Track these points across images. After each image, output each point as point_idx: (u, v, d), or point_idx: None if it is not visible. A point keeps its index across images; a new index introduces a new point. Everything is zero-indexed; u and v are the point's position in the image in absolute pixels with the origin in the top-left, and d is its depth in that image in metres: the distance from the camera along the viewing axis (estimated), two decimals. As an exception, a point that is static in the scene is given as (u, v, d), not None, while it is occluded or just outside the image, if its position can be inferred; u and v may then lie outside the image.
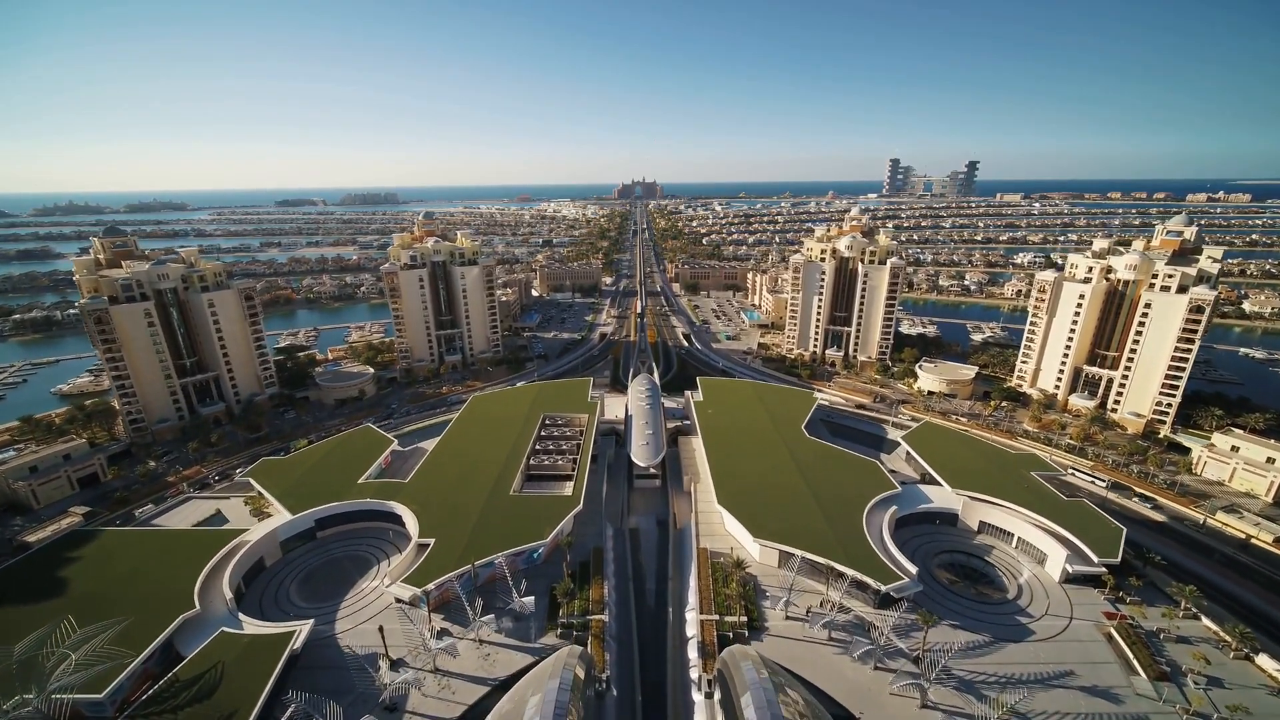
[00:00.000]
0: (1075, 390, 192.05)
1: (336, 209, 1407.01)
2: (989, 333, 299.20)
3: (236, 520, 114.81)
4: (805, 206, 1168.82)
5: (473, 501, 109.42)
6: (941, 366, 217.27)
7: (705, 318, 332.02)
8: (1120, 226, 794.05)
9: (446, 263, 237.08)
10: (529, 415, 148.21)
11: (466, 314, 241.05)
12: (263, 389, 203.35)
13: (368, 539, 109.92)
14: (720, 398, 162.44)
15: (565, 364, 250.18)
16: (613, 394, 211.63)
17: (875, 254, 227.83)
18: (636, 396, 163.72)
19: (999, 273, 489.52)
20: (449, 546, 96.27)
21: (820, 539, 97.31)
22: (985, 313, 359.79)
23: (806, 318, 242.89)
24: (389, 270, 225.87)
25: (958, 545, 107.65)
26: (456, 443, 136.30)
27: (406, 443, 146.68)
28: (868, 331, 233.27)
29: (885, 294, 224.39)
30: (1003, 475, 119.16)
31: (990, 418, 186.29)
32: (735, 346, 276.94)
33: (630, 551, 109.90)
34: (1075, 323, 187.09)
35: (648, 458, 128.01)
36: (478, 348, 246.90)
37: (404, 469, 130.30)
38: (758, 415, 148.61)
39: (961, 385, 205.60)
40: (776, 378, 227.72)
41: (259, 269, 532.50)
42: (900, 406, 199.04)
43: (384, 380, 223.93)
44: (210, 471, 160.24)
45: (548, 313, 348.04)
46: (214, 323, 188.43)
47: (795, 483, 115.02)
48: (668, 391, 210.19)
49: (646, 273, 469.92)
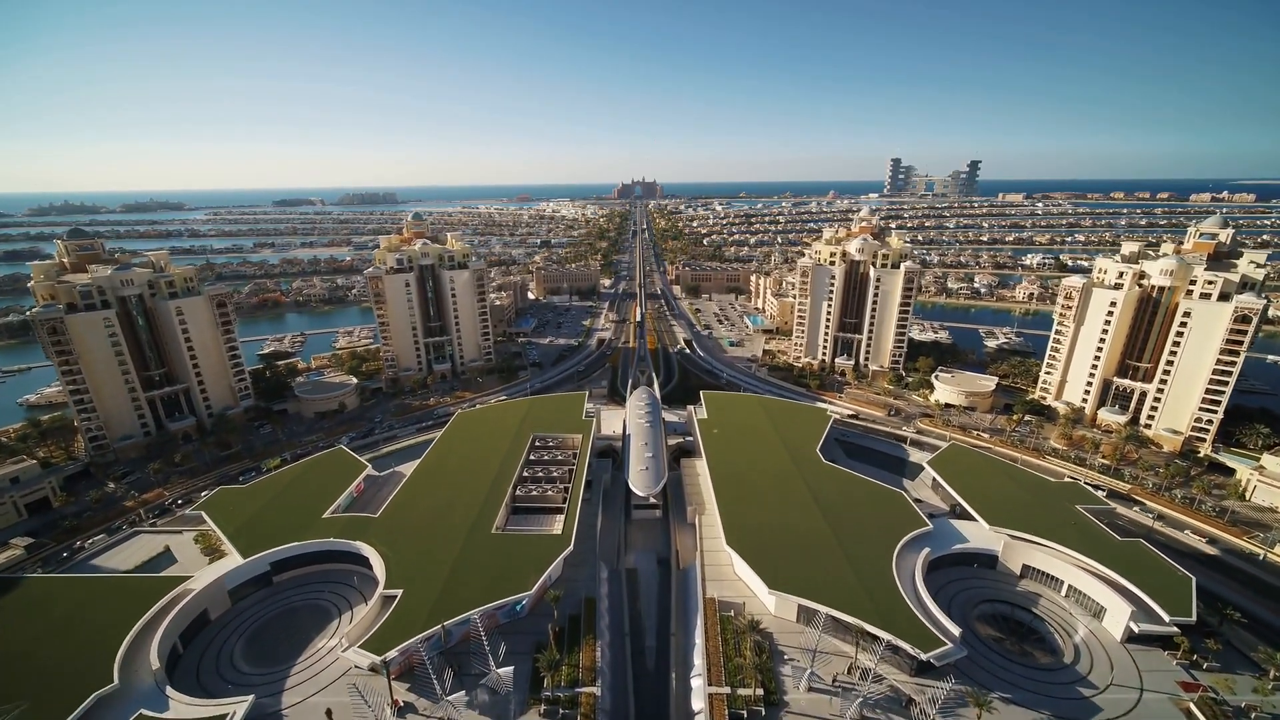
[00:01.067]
0: (1105, 404, 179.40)
1: (334, 209, 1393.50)
2: (1003, 338, 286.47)
3: (186, 560, 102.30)
4: (806, 206, 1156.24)
5: (449, 542, 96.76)
6: (959, 377, 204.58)
7: (707, 322, 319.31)
8: (1126, 227, 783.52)
9: (435, 266, 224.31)
10: (517, 435, 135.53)
11: (456, 320, 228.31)
12: (237, 402, 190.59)
13: (330, 584, 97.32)
14: (725, 415, 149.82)
15: (560, 373, 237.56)
16: (610, 406, 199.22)
17: (888, 257, 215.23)
18: (635, 413, 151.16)
19: (1008, 274, 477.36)
20: (418, 600, 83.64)
21: (846, 591, 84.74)
22: (997, 317, 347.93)
23: (815, 324, 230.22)
24: (373, 275, 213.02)
25: (1000, 593, 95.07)
26: (436, 468, 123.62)
27: (383, 466, 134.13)
28: (880, 339, 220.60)
29: (899, 300, 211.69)
30: (1045, 509, 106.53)
31: (1014, 434, 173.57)
32: (739, 353, 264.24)
33: (627, 598, 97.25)
34: (1106, 332, 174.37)
35: (647, 486, 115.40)
36: (468, 356, 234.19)
37: (378, 498, 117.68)
38: (767, 436, 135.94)
39: (981, 398, 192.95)
40: (784, 389, 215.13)
41: (249, 270, 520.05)
42: (917, 420, 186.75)
43: (368, 391, 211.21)
44: (172, 495, 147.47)
45: (544, 317, 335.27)
46: (183, 332, 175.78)
47: (813, 519, 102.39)
48: (669, 403, 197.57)
49: (646, 274, 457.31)
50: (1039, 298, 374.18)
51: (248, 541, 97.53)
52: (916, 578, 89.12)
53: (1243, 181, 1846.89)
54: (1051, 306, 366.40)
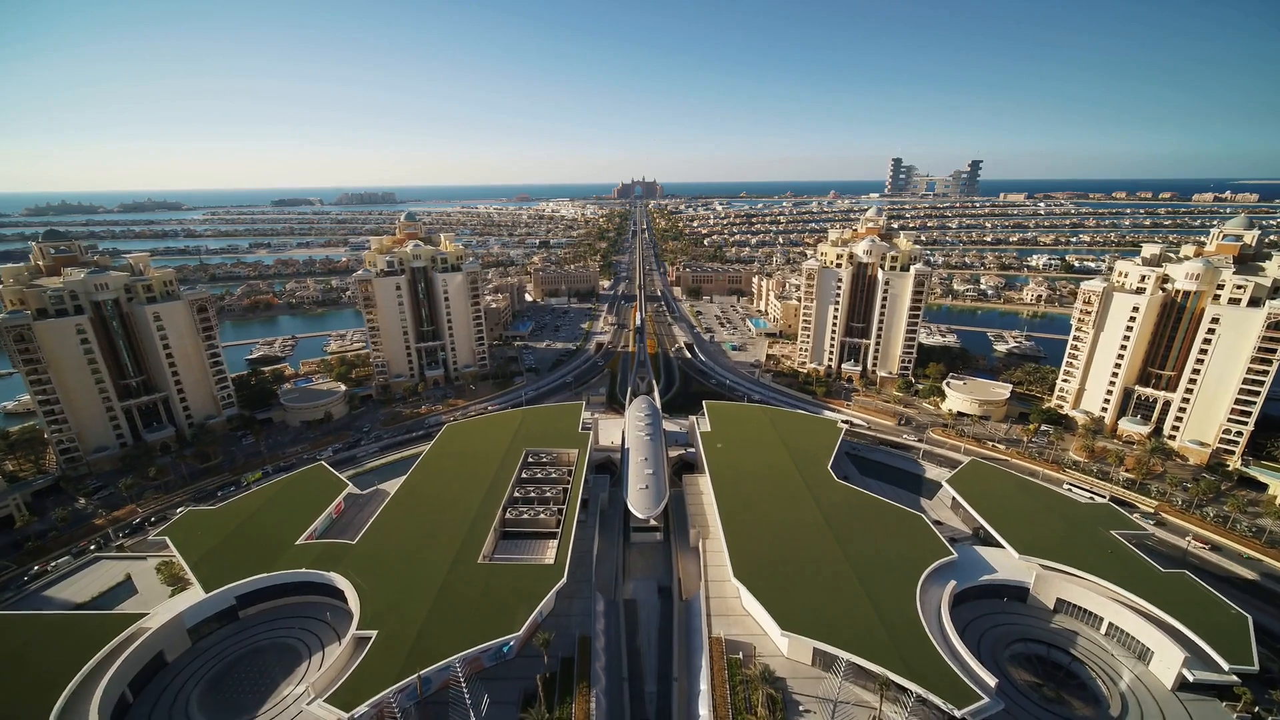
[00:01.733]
0: (1125, 413, 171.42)
1: (332, 209, 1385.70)
2: (1013, 342, 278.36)
3: (146, 591, 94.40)
4: (807, 206, 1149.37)
5: (431, 573, 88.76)
6: (971, 384, 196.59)
7: (709, 325, 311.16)
8: (1131, 227, 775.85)
9: (428, 269, 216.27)
10: (509, 450, 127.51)
11: (449, 325, 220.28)
12: (220, 411, 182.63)
13: (301, 619, 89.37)
14: (730, 427, 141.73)
15: (557, 379, 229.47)
16: (609, 415, 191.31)
17: (896, 259, 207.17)
18: (635, 424, 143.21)
19: (1013, 275, 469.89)
20: (394, 643, 75.66)
21: (867, 632, 76.77)
22: (1004, 319, 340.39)
23: (821, 329, 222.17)
24: (362, 278, 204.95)
25: (1033, 630, 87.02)
26: (422, 486, 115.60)
27: (366, 483, 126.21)
28: (888, 344, 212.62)
29: (909, 304, 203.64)
30: (1077, 535, 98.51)
31: (1032, 445, 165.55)
32: (742, 358, 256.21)
33: (625, 634, 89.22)
34: (1127, 338, 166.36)
35: (647, 508, 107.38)
36: (462, 361, 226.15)
37: (358, 519, 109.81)
38: (774, 451, 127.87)
39: (995, 406, 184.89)
40: (789, 396, 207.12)
41: (243, 271, 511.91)
42: (930, 430, 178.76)
43: (357, 399, 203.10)
44: (146, 512, 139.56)
45: (541, 320, 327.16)
46: (161, 338, 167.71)
47: (827, 546, 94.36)
48: (669, 412, 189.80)
49: (646, 275, 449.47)
50: (1047, 300, 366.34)
51: (212, 572, 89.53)
52: (943, 615, 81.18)
53: (1245, 181, 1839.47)
54: (1060, 309, 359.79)
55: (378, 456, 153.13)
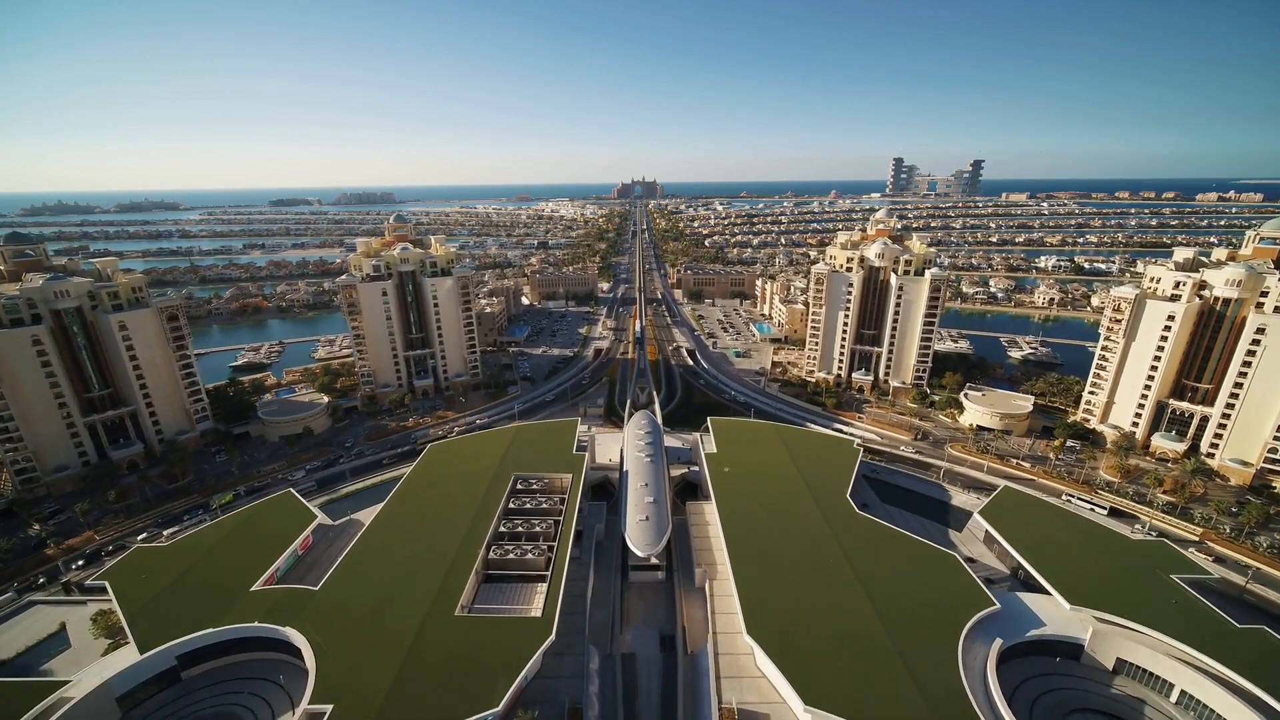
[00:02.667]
0: (1158, 428, 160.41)
1: (330, 209, 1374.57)
2: (1028, 348, 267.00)
3: (81, 646, 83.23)
4: (808, 206, 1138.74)
5: (402, 628, 77.67)
6: (991, 396, 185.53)
7: (711, 330, 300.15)
8: (1137, 228, 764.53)
9: (416, 273, 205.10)
10: (497, 475, 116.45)
11: (439, 332, 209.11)
12: (193, 425, 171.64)
13: (253, 682, 78.26)
14: (737, 448, 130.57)
15: (553, 388, 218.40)
16: (606, 428, 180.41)
17: (910, 263, 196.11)
18: (634, 443, 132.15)
19: (1022, 277, 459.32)
20: (353, 719, 64.61)
21: (905, 707, 65.69)
22: (1015, 323, 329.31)
23: (830, 336, 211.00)
24: (346, 283, 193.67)
25: (1093, 698, 75.76)
26: (398, 518, 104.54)
27: (339, 512, 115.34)
28: (901, 353, 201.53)
29: (924, 310, 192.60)
30: (1133, 580, 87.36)
31: (1059, 464, 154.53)
32: (746, 365, 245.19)
33: (623, 698, 78.08)
34: (1162, 348, 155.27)
35: (648, 544, 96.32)
36: (453, 370, 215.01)
37: (327, 555, 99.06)
38: (787, 476, 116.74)
39: (1017, 420, 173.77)
40: (797, 408, 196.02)
41: (234, 273, 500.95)
42: (948, 447, 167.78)
43: (341, 411, 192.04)
44: (104, 540, 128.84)
45: (538, 324, 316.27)
46: (127, 348, 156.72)
47: (852, 595, 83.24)
48: (671, 425, 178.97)
49: (646, 277, 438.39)
50: (1059, 303, 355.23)
51: (153, 626, 78.51)
52: (990, 682, 70.14)
53: (1247, 181, 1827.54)
54: (1073, 313, 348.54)
55: (355, 479, 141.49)
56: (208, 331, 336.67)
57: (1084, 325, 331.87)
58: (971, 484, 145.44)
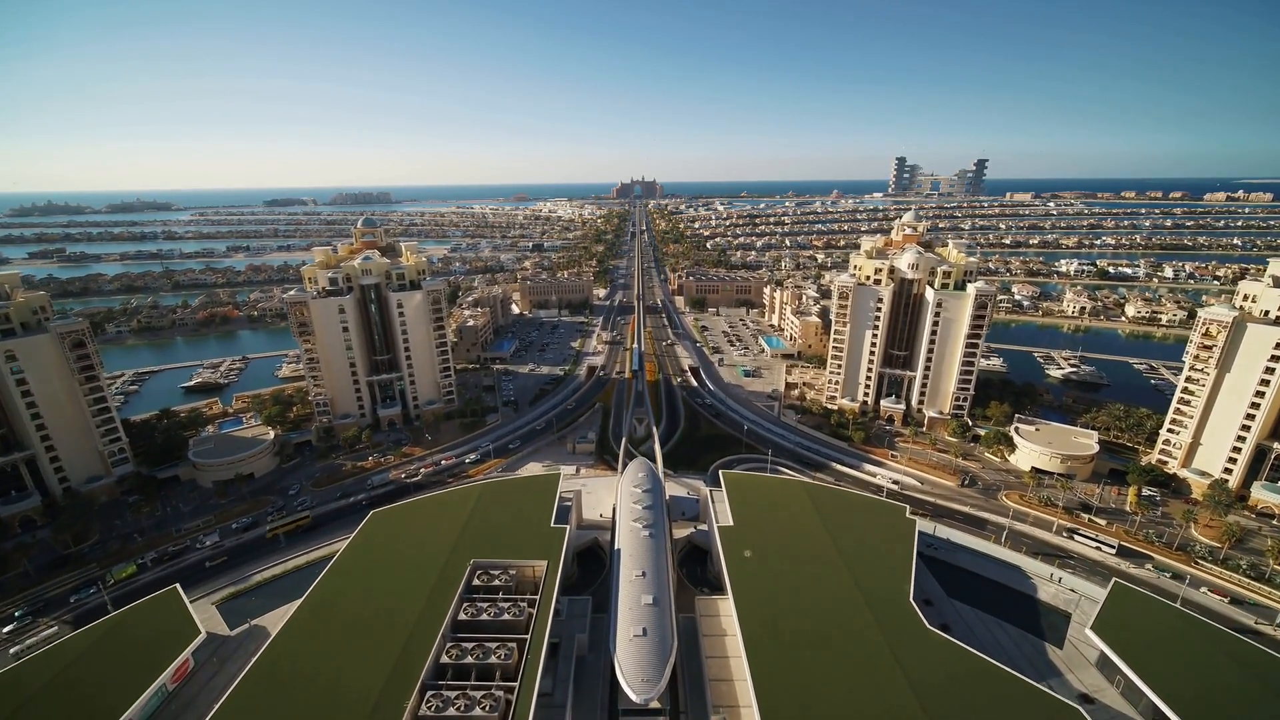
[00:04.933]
0: (1257, 476, 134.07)
1: (324, 209, 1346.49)
2: (1067, 365, 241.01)
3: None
4: (811, 206, 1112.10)
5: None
6: (1046, 430, 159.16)
7: (716, 343, 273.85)
8: (1151, 229, 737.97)
9: (382, 286, 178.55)
10: (450, 563, 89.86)
11: (408, 353, 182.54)
12: (108, 470, 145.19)
13: None
14: (757, 517, 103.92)
15: (539, 415, 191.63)
16: (599, 470, 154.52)
17: (949, 275, 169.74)
18: (630, 506, 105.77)
19: (1044, 283, 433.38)
20: None
21: None
22: (1045, 335, 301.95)
23: (855, 358, 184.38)
24: (295, 300, 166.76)
25: None
26: (314, 630, 77.99)
27: (237, 618, 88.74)
28: (938, 378, 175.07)
29: (967, 330, 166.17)
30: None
31: (1143, 523, 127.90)
32: (757, 386, 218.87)
33: None
34: (1267, 381, 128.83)
35: (645, 683, 69.60)
36: (424, 396, 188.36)
37: (211, 689, 72.34)
38: (827, 565, 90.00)
39: (1082, 463, 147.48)
40: (819, 443, 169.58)
41: (210, 278, 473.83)
42: (1002, 495, 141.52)
43: (291, 447, 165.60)
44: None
45: (526, 336, 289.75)
46: (18, 383, 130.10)
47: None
48: (673, 465, 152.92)
49: (645, 283, 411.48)
50: (1090, 312, 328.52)
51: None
52: None
53: (1253, 181, 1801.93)
54: (1106, 323, 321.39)
55: (278, 556, 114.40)
56: (170, 345, 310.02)
57: (1119, 337, 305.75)
58: (1039, 548, 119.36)
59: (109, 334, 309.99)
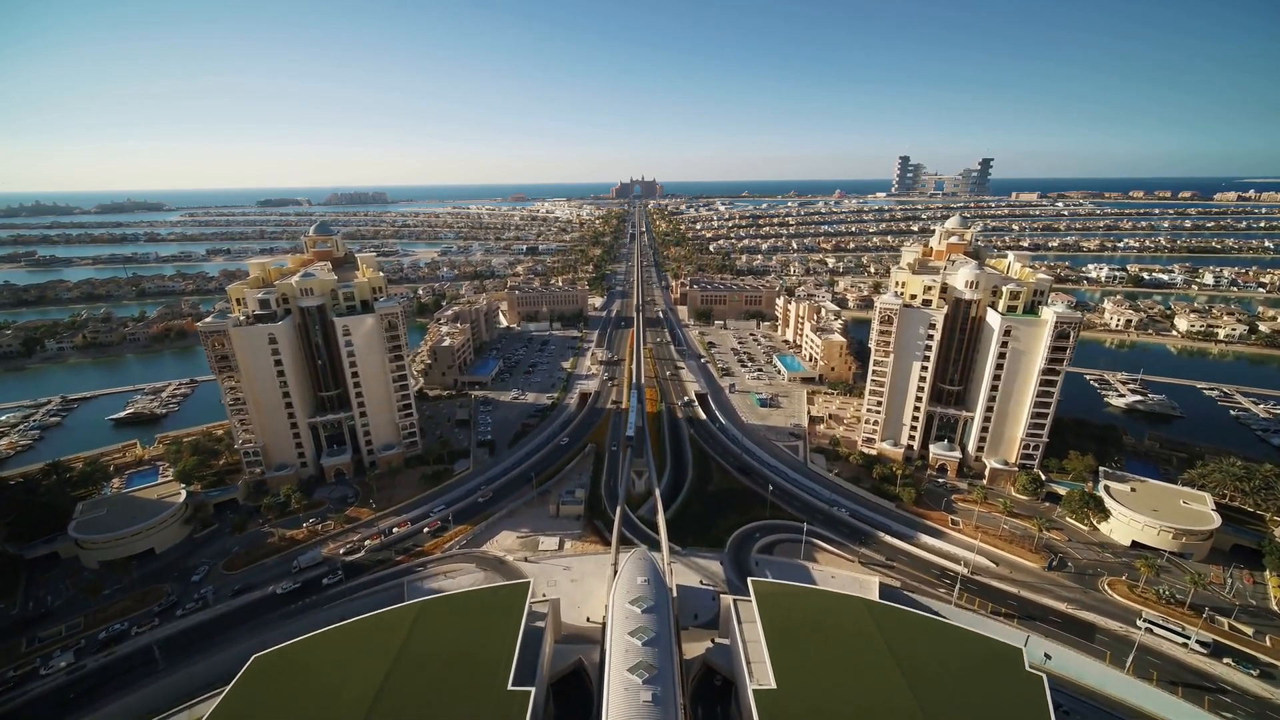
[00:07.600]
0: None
1: (318, 210, 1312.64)
2: (1129, 392, 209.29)
3: None
4: (814, 206, 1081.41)
5: None
6: (1144, 491, 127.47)
7: (725, 363, 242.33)
8: (1171, 230, 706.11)
9: (325, 308, 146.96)
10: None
11: (358, 388, 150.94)
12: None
13: None
14: (805, 660, 72.49)
15: (518, 462, 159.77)
16: (587, 542, 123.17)
17: (1018, 296, 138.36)
18: (624, 640, 74.44)
19: (1074, 289, 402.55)
20: None
21: None
22: (1087, 351, 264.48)
23: (900, 393, 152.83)
24: (208, 330, 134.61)
25: None
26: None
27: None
28: (1003, 421, 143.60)
29: (1042, 364, 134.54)
30: None
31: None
32: (775, 419, 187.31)
33: None
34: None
35: None
36: (379, 440, 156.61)
37: None
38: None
39: (1198, 539, 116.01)
40: (859, 500, 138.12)
41: (179, 284, 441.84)
42: (1104, 582, 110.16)
43: (210, 508, 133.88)
44: None
45: (513, 354, 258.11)
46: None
47: None
48: (680, 535, 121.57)
49: (645, 291, 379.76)
50: (1138, 325, 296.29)
51: None
52: None
53: (1261, 180, 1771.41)
54: (1156, 337, 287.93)
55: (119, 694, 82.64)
56: (118, 363, 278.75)
57: (1171, 354, 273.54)
58: (1180, 677, 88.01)
59: (49, 351, 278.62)
